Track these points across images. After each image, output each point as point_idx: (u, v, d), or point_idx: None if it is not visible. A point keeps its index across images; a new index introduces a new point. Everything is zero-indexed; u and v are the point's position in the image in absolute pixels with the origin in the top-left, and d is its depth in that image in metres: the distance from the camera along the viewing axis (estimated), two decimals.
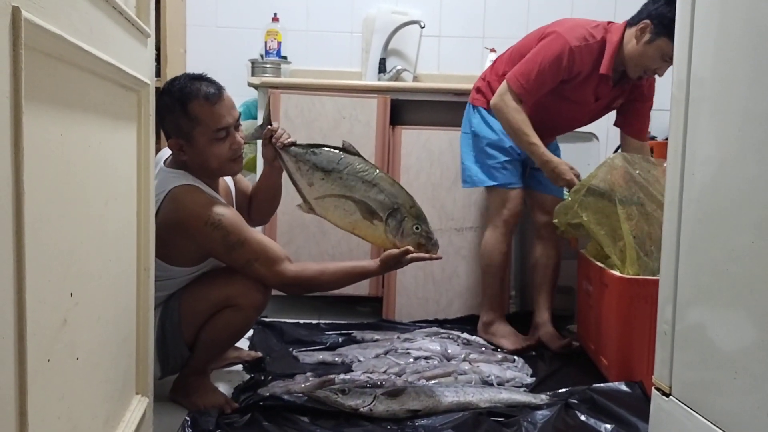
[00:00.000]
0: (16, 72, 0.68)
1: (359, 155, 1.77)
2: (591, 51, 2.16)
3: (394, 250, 1.71)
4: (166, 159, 1.81)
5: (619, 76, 2.23)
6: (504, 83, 2.22)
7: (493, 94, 2.31)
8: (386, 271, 1.78)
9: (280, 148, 1.79)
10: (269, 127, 1.81)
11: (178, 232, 1.66)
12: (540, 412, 1.70)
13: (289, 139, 1.79)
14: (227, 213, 1.68)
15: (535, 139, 2.18)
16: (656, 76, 2.25)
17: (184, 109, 1.68)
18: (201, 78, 1.73)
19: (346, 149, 1.77)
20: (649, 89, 2.35)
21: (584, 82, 2.21)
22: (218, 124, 1.70)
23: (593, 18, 2.27)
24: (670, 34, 1.98)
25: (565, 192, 2.37)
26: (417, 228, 1.71)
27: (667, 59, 2.09)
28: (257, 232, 1.75)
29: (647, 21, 2.09)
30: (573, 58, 2.14)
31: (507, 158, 2.31)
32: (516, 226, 2.41)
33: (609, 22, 2.22)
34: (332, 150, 1.77)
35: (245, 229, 1.70)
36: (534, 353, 2.26)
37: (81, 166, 0.96)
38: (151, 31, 1.33)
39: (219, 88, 1.73)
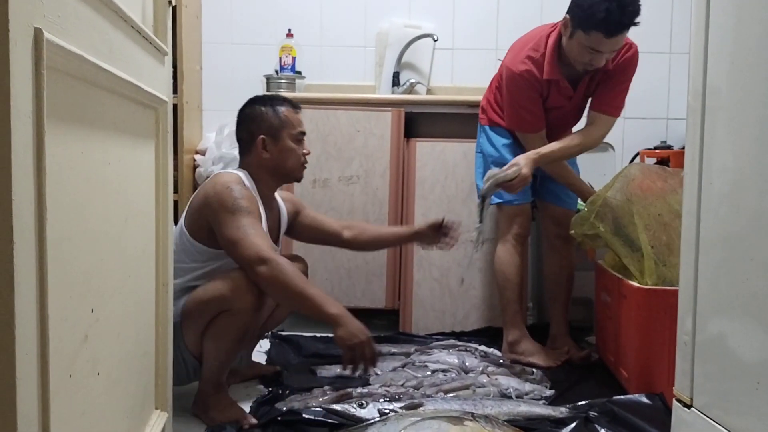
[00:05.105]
0: (39, 92, 0.69)
1: None
2: (539, 66, 2.16)
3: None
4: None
5: (577, 70, 2.17)
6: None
7: (493, 110, 2.38)
8: (337, 314, 1.70)
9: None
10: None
11: (203, 205, 1.77)
12: (560, 426, 1.69)
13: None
14: (249, 194, 1.79)
15: (547, 149, 2.19)
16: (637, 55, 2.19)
17: (276, 111, 1.92)
18: (280, 95, 2.00)
19: None
20: (620, 66, 2.18)
21: (551, 92, 2.22)
22: (300, 127, 1.96)
23: None
24: (583, 26, 1.99)
25: (579, 203, 2.36)
26: None
27: (591, 51, 2.04)
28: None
29: (567, 16, 2.07)
30: (528, 80, 2.16)
31: None
32: (526, 238, 2.40)
33: (554, 25, 2.19)
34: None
35: (255, 209, 1.78)
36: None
37: (101, 184, 0.97)
38: (168, 49, 1.35)
39: (299, 105, 2.00)
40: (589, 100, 2.30)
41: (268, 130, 1.90)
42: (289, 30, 3.06)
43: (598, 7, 1.93)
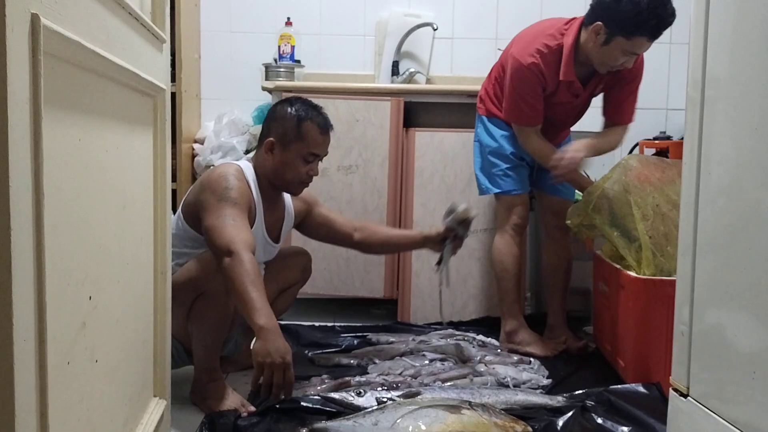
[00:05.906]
0: (36, 78, 0.69)
1: None
2: (548, 61, 2.15)
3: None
4: None
5: (589, 70, 2.20)
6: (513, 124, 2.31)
7: (491, 101, 2.37)
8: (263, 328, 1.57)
9: (450, 246, 2.07)
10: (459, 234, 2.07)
11: (199, 191, 1.78)
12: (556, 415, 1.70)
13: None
14: (243, 187, 1.79)
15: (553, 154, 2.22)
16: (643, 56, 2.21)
17: (298, 123, 1.87)
18: (321, 110, 1.94)
19: None
20: (632, 71, 2.22)
21: (559, 88, 2.21)
22: (315, 149, 1.89)
23: None
24: (624, 32, 2.00)
25: (577, 193, 2.36)
26: None
27: (629, 54, 2.06)
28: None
29: (599, 23, 2.05)
30: (535, 74, 2.16)
31: (508, 165, 2.31)
32: (524, 229, 2.40)
33: (568, 22, 2.19)
34: None
35: (244, 202, 1.77)
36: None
37: (98, 171, 0.97)
38: (167, 36, 1.34)
39: (330, 127, 1.94)
40: (591, 99, 2.32)
41: (281, 136, 1.88)
42: (288, 18, 3.05)
43: (646, 14, 1.95)
